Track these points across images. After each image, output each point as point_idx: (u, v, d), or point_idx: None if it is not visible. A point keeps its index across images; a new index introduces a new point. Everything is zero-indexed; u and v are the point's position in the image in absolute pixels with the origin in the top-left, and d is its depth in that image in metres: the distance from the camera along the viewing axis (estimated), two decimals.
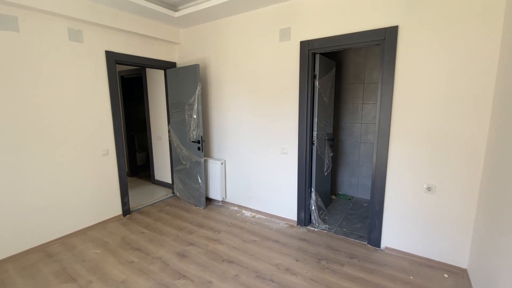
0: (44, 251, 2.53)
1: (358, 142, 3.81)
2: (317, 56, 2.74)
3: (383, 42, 2.27)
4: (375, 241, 2.53)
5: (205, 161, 3.57)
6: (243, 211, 3.43)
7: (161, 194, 4.07)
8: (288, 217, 3.09)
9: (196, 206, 3.59)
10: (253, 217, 3.27)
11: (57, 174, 2.67)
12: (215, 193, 3.60)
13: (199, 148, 3.35)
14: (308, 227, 2.95)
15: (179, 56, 3.80)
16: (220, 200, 3.60)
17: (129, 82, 5.03)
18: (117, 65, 3.24)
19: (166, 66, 3.67)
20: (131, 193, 3.80)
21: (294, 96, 2.81)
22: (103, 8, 2.77)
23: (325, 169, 3.16)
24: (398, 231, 2.42)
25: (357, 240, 2.68)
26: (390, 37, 2.22)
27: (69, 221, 2.80)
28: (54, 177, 2.64)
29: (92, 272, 2.23)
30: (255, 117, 3.15)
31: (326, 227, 2.91)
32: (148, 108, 4.34)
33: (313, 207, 2.94)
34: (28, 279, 2.14)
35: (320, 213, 3.03)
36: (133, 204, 3.59)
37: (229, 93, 3.34)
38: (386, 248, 2.49)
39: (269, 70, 2.95)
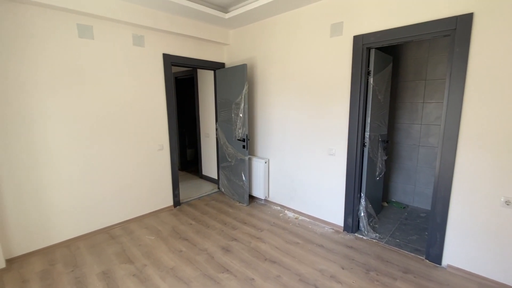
0: (108, 233, 2.86)
1: (417, 145, 3.44)
2: (372, 51, 2.54)
3: (453, 32, 1.99)
4: (435, 257, 2.25)
5: (250, 159, 3.61)
6: (285, 211, 3.39)
7: (208, 188, 4.26)
8: (333, 222, 2.95)
9: (239, 202, 3.67)
10: (296, 218, 3.20)
11: (119, 166, 2.98)
12: (258, 191, 3.63)
13: (244, 146, 3.42)
14: (356, 234, 2.77)
15: (228, 57, 3.91)
16: (263, 198, 3.62)
17: (182, 83, 5.39)
18: (172, 67, 3.47)
19: (216, 66, 3.82)
20: (181, 186, 4.06)
21: (344, 94, 2.66)
22: (162, 14, 2.99)
23: (377, 174, 2.92)
24: (464, 248, 2.11)
25: (412, 254, 2.42)
26: (462, 26, 1.94)
27: (129, 209, 3.11)
28: (117, 169, 2.96)
29: (147, 256, 2.44)
30: (302, 116, 3.07)
31: (376, 236, 2.70)
32: (198, 107, 4.58)
33: (362, 214, 2.75)
34: (95, 256, 2.44)
35: (369, 220, 2.82)
36: (182, 196, 3.83)
37: (275, 92, 3.32)
38: (449, 266, 2.19)
39: (318, 67, 2.85)
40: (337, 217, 2.91)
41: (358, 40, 2.49)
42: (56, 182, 2.55)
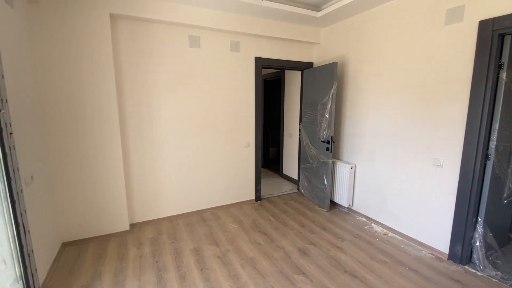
0: (200, 216, 3.28)
1: None
2: (508, 39, 1.98)
3: None
4: None
5: (333, 162, 3.43)
6: (372, 224, 3.06)
7: (287, 188, 4.30)
8: (434, 246, 2.47)
9: (319, 206, 3.55)
10: (384, 234, 2.85)
11: (212, 158, 3.37)
12: (340, 198, 3.41)
13: (328, 149, 3.27)
14: (466, 266, 2.24)
15: (317, 56, 3.83)
16: (346, 206, 3.37)
17: (269, 84, 5.62)
18: (261, 69, 3.67)
19: (304, 66, 3.80)
20: (262, 183, 4.25)
21: (461, 93, 2.18)
22: (255, 19, 3.19)
23: (504, 196, 2.27)
24: None
25: None
26: None
27: (217, 197, 3.48)
28: (210, 161, 3.36)
29: (230, 242, 2.66)
30: (400, 118, 2.70)
31: (497, 275, 2.10)
32: (283, 107, 4.67)
33: (477, 243, 2.19)
34: (189, 234, 2.84)
35: (488, 253, 2.22)
36: (263, 192, 4.00)
37: (368, 91, 3.03)
38: None
39: (423, 62, 2.43)
40: (440, 241, 2.42)
41: (486, 26, 1.98)
42: (167, 167, 3.10)
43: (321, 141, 3.37)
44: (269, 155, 5.89)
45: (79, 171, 2.57)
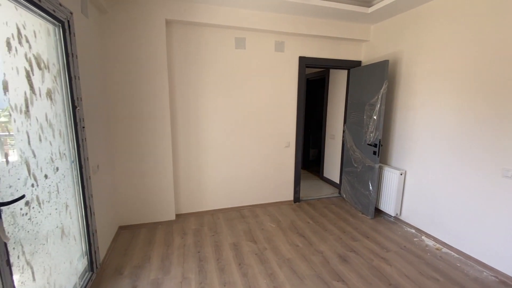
0: (239, 212, 3.37)
1: None
2: None
3: None
4: None
5: (380, 167, 3.22)
6: (422, 237, 2.79)
7: (328, 191, 4.16)
8: (499, 269, 2.16)
9: (362, 213, 3.36)
10: (437, 249, 2.58)
11: (252, 157, 3.43)
12: (387, 206, 3.18)
13: (374, 153, 3.08)
14: None
15: (365, 54, 3.62)
16: (393, 215, 3.13)
17: (311, 84, 5.50)
18: (305, 69, 3.60)
19: (351, 65, 3.63)
20: (301, 184, 4.17)
21: None
22: (302, 18, 3.15)
23: None
24: None
25: None
26: None
27: (256, 195, 3.53)
28: (250, 159, 3.42)
29: (267, 241, 2.68)
30: (461, 122, 2.41)
31: None
32: (326, 108, 4.53)
33: None
34: (229, 229, 2.94)
35: None
36: (302, 194, 3.93)
37: (422, 91, 2.77)
38: None
39: (497, 58, 2.13)
40: (507, 264, 2.10)
41: None
42: (210, 164, 3.25)
43: (368, 144, 3.18)
44: (309, 157, 5.77)
45: (135, 163, 2.85)
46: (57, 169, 1.64)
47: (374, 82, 3.08)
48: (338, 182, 4.17)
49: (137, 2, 2.61)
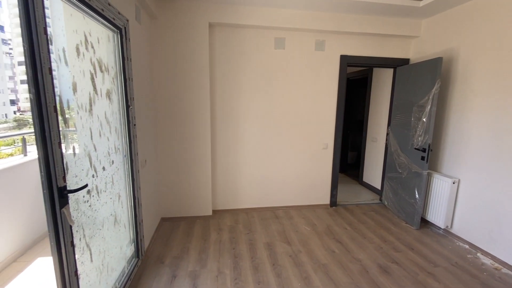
0: (273, 212, 3.37)
1: None
2: None
3: None
4: None
5: (429, 174, 2.95)
6: (478, 254, 2.50)
7: (367, 197, 3.95)
8: None
9: (406, 223, 3.12)
10: (496, 268, 2.28)
11: (287, 157, 3.39)
12: (436, 217, 2.91)
13: (423, 158, 2.83)
14: None
15: (415, 51, 3.35)
16: (442, 227, 2.85)
17: (352, 83, 5.26)
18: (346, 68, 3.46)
19: (397, 63, 3.39)
20: (338, 188, 4.02)
21: None
22: (344, 16, 3.03)
23: None
24: None
25: None
26: None
27: (291, 196, 3.49)
28: (285, 160, 3.39)
29: (302, 244, 2.64)
30: None
31: None
32: (368, 109, 4.29)
33: None
34: (263, 228, 2.95)
35: None
36: (339, 198, 3.79)
37: (482, 92, 2.47)
38: None
39: None
40: None
41: None
42: (245, 162, 3.30)
43: (415, 148, 2.94)
44: (347, 159, 5.53)
45: (177, 160, 3.02)
46: (113, 162, 1.81)
47: (424, 81, 2.83)
48: (379, 188, 3.93)
49: (183, 7, 2.76)
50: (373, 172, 4.18)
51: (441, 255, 2.48)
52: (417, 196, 2.92)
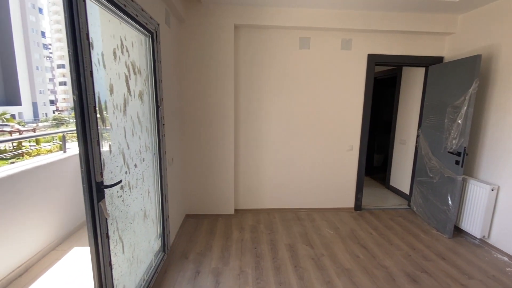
0: (295, 214, 3.34)
1: None
2: None
3: None
4: None
5: (464, 180, 2.76)
6: None
7: (394, 202, 3.78)
8: None
9: (437, 230, 2.94)
10: None
11: (311, 159, 3.35)
12: (471, 226, 2.72)
13: (457, 162, 2.66)
14: None
15: (450, 49, 3.16)
16: (478, 237, 2.66)
17: (380, 83, 5.06)
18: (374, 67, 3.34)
19: (429, 62, 3.22)
20: (364, 192, 3.88)
21: None
22: (371, 13, 2.93)
23: None
24: None
25: None
26: None
27: (313, 198, 3.44)
28: (308, 161, 3.35)
29: (324, 247, 2.59)
30: None
31: None
32: (397, 110, 4.11)
33: None
34: (285, 229, 2.94)
35: None
36: (364, 202, 3.66)
37: None
38: None
39: None
40: None
41: None
42: (268, 163, 3.31)
43: (448, 152, 2.77)
44: (373, 162, 5.34)
45: (202, 159, 3.10)
46: (143, 160, 1.90)
47: (460, 81, 2.66)
48: (407, 192, 3.75)
49: (210, 11, 2.83)
50: (401, 176, 4.00)
51: (476, 266, 2.31)
52: (450, 202, 2.75)
